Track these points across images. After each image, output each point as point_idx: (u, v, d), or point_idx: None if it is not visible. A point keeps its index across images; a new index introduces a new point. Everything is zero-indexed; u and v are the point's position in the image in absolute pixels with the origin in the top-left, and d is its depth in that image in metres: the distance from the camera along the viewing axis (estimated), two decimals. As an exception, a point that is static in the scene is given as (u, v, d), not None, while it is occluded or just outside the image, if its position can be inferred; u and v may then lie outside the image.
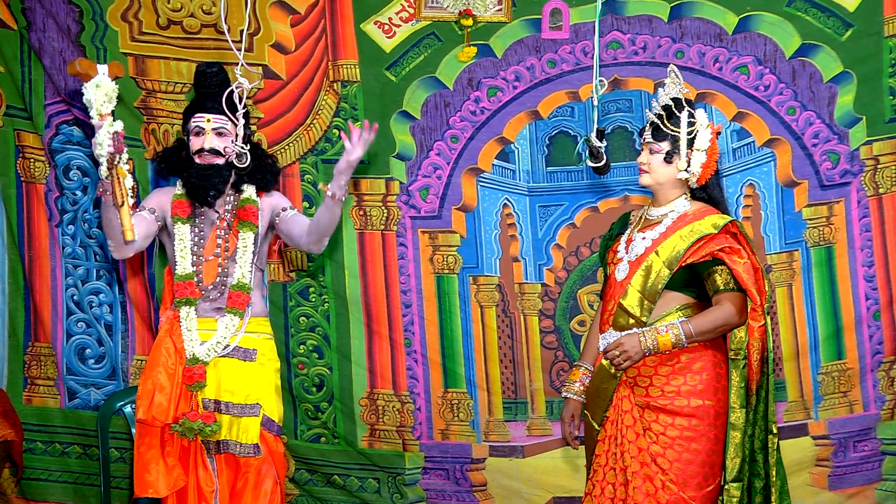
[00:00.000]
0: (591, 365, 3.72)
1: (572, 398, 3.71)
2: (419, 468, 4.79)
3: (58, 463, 4.89)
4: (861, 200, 4.53)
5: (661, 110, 3.54)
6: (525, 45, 4.67)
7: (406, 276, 4.78)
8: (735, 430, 3.44)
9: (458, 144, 4.72)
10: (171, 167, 3.90)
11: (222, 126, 3.80)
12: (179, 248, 3.83)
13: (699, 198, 3.61)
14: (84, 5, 4.70)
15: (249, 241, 3.83)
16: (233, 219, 3.85)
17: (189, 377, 3.75)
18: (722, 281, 3.47)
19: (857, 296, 4.54)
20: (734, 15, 4.55)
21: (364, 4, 4.71)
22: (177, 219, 3.84)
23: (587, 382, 3.70)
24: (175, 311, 3.84)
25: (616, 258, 3.62)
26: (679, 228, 3.51)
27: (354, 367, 4.79)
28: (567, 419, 3.71)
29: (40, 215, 4.85)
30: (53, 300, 4.86)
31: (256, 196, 3.88)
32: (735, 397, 3.45)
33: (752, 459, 3.50)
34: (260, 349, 3.85)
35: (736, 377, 3.46)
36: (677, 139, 3.51)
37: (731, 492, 3.43)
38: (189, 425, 3.70)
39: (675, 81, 3.58)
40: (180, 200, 3.85)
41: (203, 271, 3.83)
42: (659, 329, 3.43)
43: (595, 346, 3.72)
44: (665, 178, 3.55)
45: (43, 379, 4.90)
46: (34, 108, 4.80)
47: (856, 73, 4.49)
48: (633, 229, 3.63)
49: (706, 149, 3.51)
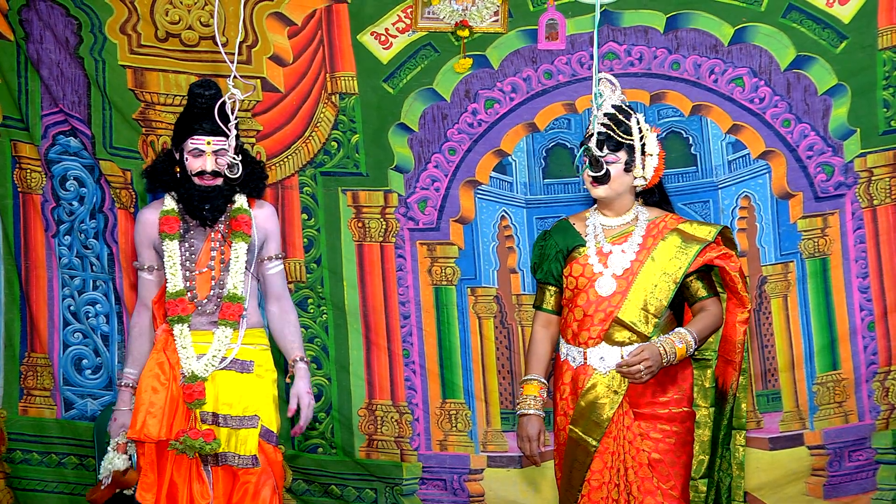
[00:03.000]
0: (545, 377, 3.67)
1: (534, 414, 3.59)
2: (417, 479, 4.80)
3: (54, 474, 4.88)
4: (855, 212, 4.56)
5: (606, 120, 3.54)
6: (521, 55, 4.69)
7: (404, 288, 4.79)
8: (701, 428, 3.51)
9: (456, 157, 4.74)
10: (162, 185, 3.84)
11: (222, 147, 3.78)
12: (169, 265, 3.78)
13: (652, 202, 3.64)
14: (83, 17, 4.69)
15: (242, 251, 3.79)
16: (227, 230, 3.83)
17: (189, 395, 3.72)
18: (705, 288, 3.54)
19: (851, 307, 4.58)
20: (730, 26, 4.58)
21: (361, 15, 4.72)
22: (165, 235, 3.79)
23: (545, 396, 3.65)
24: (169, 325, 3.82)
25: (591, 272, 3.57)
26: (661, 238, 3.52)
27: (353, 378, 4.81)
28: (534, 436, 3.58)
29: (37, 226, 4.85)
30: (50, 311, 4.86)
31: (248, 205, 3.86)
32: (699, 396, 3.53)
33: (721, 456, 3.57)
34: (256, 360, 3.83)
35: (704, 377, 3.54)
36: (633, 147, 3.52)
37: (699, 487, 3.51)
38: (190, 443, 3.67)
39: (612, 89, 3.59)
40: (168, 217, 3.80)
41: (196, 285, 3.80)
42: (675, 341, 3.44)
43: (546, 359, 3.65)
44: (624, 188, 3.57)
45: (39, 390, 4.90)
46: (31, 119, 4.79)
47: (850, 85, 4.52)
48: (596, 241, 3.60)
49: (657, 152, 3.54)
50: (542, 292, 3.69)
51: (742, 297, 3.48)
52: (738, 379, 3.55)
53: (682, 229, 3.53)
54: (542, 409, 3.61)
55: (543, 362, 3.66)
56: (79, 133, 4.76)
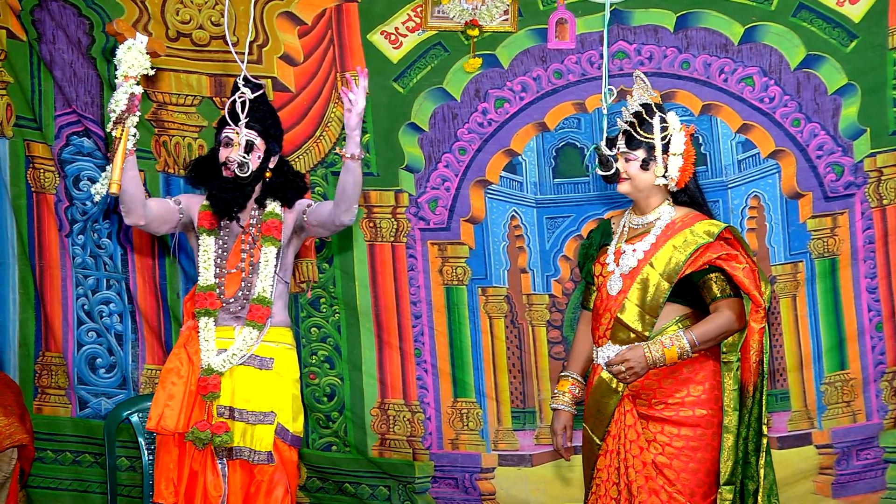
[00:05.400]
0: (580, 375, 3.73)
1: (563, 409, 3.72)
2: (429, 477, 4.83)
3: (68, 472, 4.93)
4: (865, 212, 4.56)
5: (631, 118, 3.56)
6: (531, 55, 4.69)
7: (416, 288, 4.81)
8: (727, 433, 3.49)
9: (466, 156, 4.75)
10: (199, 178, 3.95)
11: (251, 140, 3.83)
12: (203, 259, 3.89)
13: (682, 202, 3.64)
14: (94, 17, 4.70)
15: (271, 255, 3.88)
16: (258, 233, 3.88)
17: (203, 387, 3.80)
18: (718, 288, 3.52)
19: (860, 307, 4.59)
20: (740, 25, 4.57)
21: (370, 14, 4.72)
22: (202, 230, 3.90)
23: (577, 392, 3.72)
24: (195, 321, 3.89)
25: (605, 270, 3.62)
26: (670, 238, 3.53)
27: (365, 378, 4.83)
28: (559, 431, 3.72)
29: (50, 225, 4.87)
30: (64, 310, 4.89)
31: (281, 210, 3.91)
32: (728, 400, 3.50)
33: (745, 462, 3.54)
34: (278, 359, 3.89)
35: (729, 380, 3.50)
36: (652, 146, 3.53)
37: (724, 495, 3.48)
38: (198, 435, 3.75)
39: (643, 87, 3.61)
40: (206, 212, 3.91)
41: (225, 283, 3.87)
42: (664, 342, 3.45)
43: (583, 357, 3.72)
44: (644, 185, 3.58)
45: (54, 388, 4.94)
46: (44, 119, 4.81)
47: (860, 84, 4.53)
48: (618, 240, 3.64)
49: (681, 152, 3.54)
50: (585, 291, 3.79)
51: (752, 296, 3.47)
52: (756, 381, 3.52)
53: (691, 229, 3.54)
54: (574, 406, 3.67)
55: (581, 360, 3.74)
56: (92, 134, 4.78)
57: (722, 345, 3.53)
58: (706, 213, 3.64)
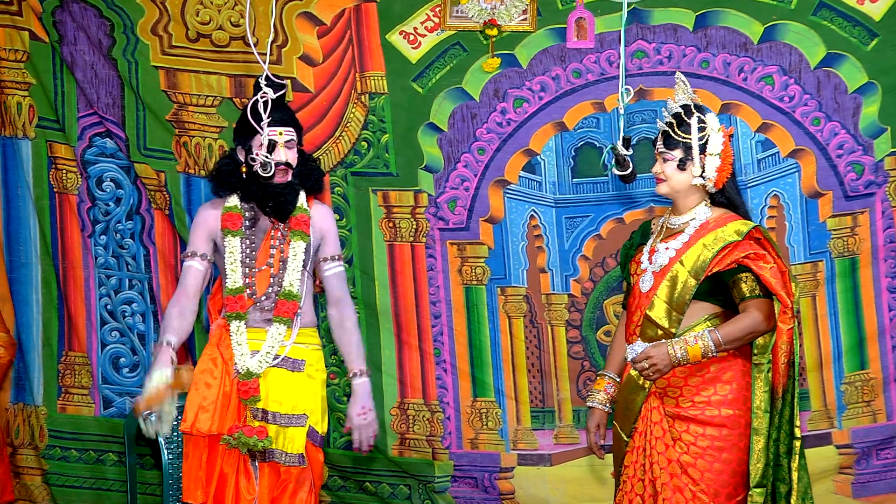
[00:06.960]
0: (616, 374, 3.74)
1: (597, 407, 3.73)
2: (448, 476, 4.85)
3: (91, 470, 4.98)
4: (885, 211, 4.55)
5: (671, 118, 3.56)
6: (550, 54, 4.69)
7: (435, 288, 4.82)
8: (758, 435, 3.45)
9: (485, 156, 4.76)
10: (230, 186, 3.84)
11: (291, 138, 3.82)
12: (230, 261, 3.82)
13: (719, 203, 3.63)
14: (115, 19, 4.74)
15: (300, 249, 3.84)
16: (286, 228, 3.86)
17: (245, 392, 3.77)
18: (748, 288, 3.49)
19: (880, 306, 4.58)
20: (760, 24, 4.56)
21: (389, 14, 4.73)
22: (227, 232, 3.83)
23: (612, 392, 3.73)
24: (225, 321, 3.86)
25: (639, 269, 3.63)
26: (702, 237, 3.53)
27: (385, 377, 4.85)
28: (592, 429, 3.73)
29: (73, 226, 4.91)
30: (87, 310, 4.94)
31: (307, 204, 3.90)
32: (759, 402, 3.47)
33: (776, 464, 3.51)
34: (308, 360, 3.87)
35: (760, 382, 3.48)
36: (689, 146, 3.52)
37: (755, 497, 3.44)
38: (244, 440, 3.73)
39: (683, 89, 3.60)
40: (231, 213, 3.83)
41: (256, 282, 3.84)
42: (688, 340, 3.44)
43: (620, 356, 3.73)
44: (681, 186, 3.56)
45: (77, 388, 4.98)
46: (67, 121, 4.85)
47: (880, 83, 4.51)
48: (655, 239, 3.64)
49: (719, 152, 3.51)
50: (626, 291, 3.77)
51: (780, 296, 3.45)
52: (786, 383, 3.49)
53: (722, 228, 3.53)
54: (609, 405, 3.69)
55: (618, 359, 3.74)
56: (114, 135, 4.82)
57: (753, 346, 3.51)
58: (742, 214, 3.61)
